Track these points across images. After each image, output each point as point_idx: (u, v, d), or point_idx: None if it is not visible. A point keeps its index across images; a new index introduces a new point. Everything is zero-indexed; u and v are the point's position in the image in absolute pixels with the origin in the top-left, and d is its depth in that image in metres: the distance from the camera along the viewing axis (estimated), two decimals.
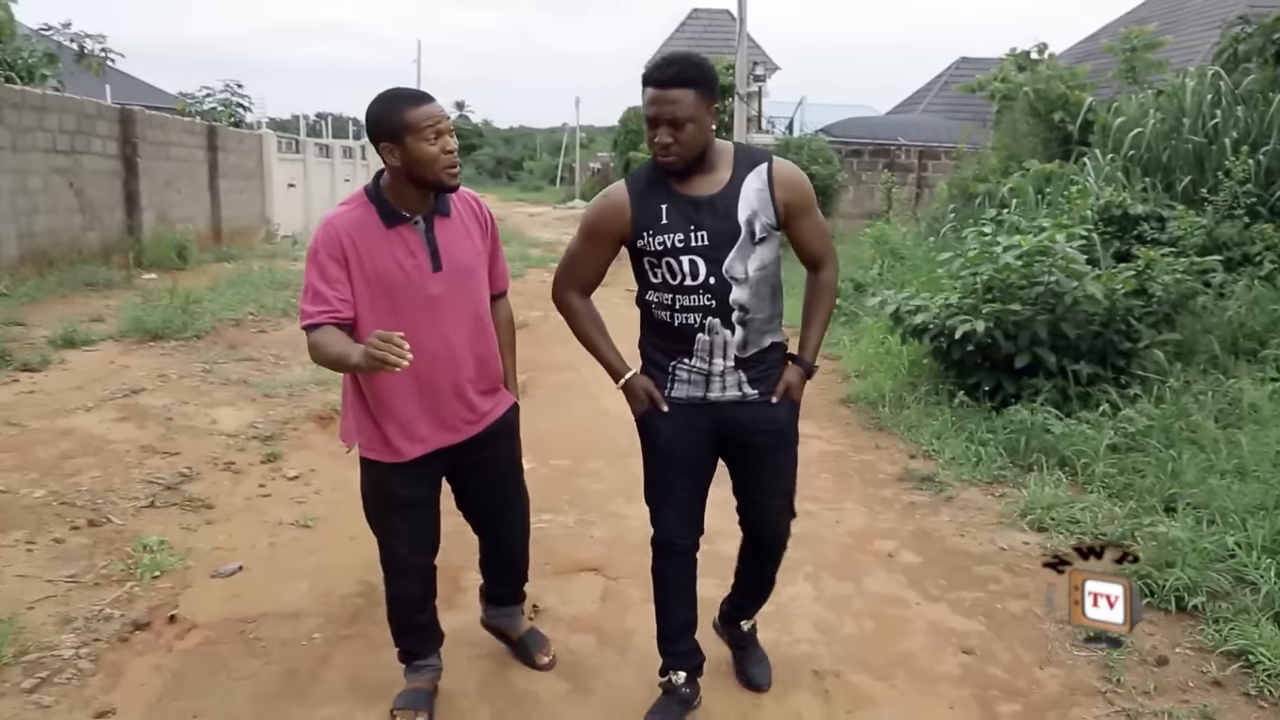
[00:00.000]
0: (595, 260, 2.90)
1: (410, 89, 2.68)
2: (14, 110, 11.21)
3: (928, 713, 3.11)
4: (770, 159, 2.75)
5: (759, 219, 2.68)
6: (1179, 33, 17.55)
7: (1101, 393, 5.82)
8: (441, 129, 2.57)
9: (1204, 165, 8.54)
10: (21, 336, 8.23)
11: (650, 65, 2.65)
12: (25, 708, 3.03)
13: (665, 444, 2.87)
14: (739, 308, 2.69)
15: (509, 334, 3.05)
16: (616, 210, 2.77)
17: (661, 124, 2.58)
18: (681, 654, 3.04)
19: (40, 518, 4.49)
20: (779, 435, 2.88)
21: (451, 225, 2.74)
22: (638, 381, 2.85)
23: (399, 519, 2.88)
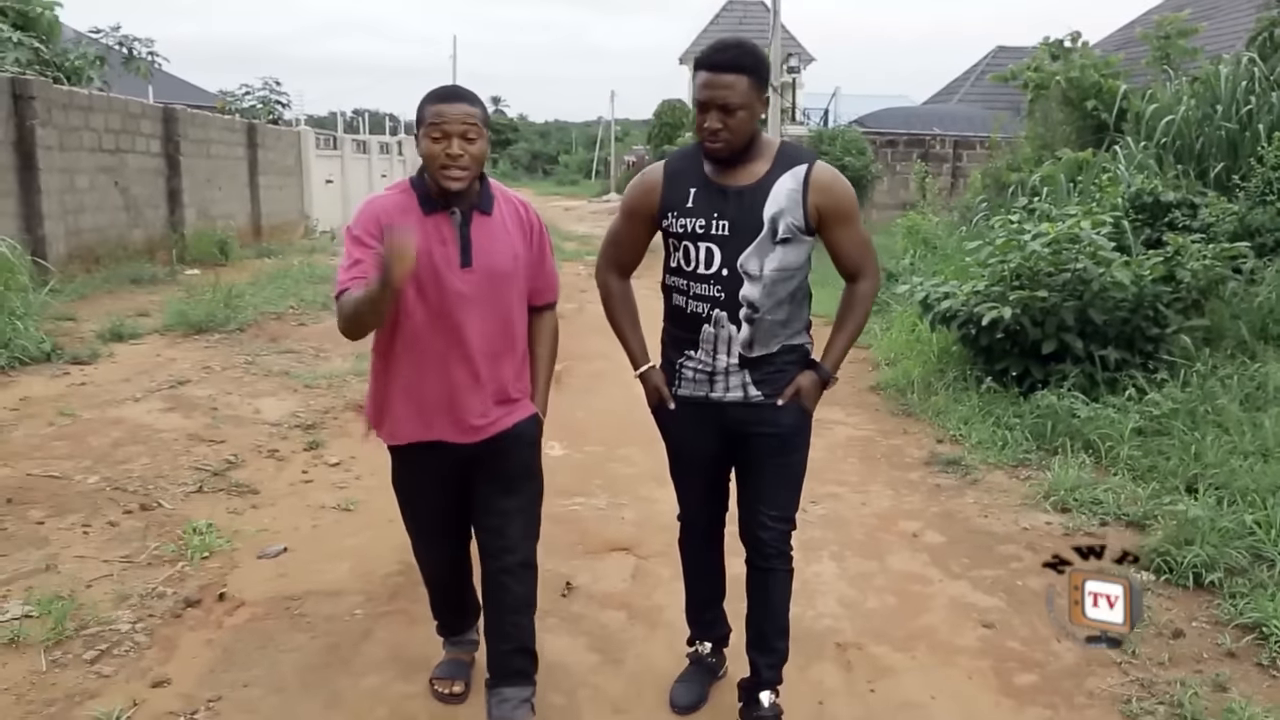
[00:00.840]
0: (632, 239, 2.90)
1: (446, 87, 2.65)
2: (61, 111, 11.50)
3: (946, 682, 3.21)
4: (813, 161, 2.69)
5: (784, 219, 2.62)
6: (1216, 19, 17.38)
7: (1128, 378, 5.88)
8: (448, 130, 2.50)
9: (1237, 152, 8.53)
10: (72, 331, 8.49)
11: (706, 49, 2.63)
12: (87, 677, 3.20)
13: (674, 442, 2.94)
14: (748, 304, 2.65)
15: (549, 347, 2.94)
16: (650, 188, 2.77)
17: (713, 109, 2.55)
18: (707, 623, 3.13)
19: (95, 502, 4.69)
20: (781, 440, 2.79)
21: (490, 225, 2.68)
22: (652, 375, 2.86)
23: (410, 511, 2.96)
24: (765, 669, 2.94)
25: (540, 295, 2.87)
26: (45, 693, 3.09)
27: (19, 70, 11.67)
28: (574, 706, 3.09)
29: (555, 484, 4.71)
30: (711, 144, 2.60)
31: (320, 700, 3.10)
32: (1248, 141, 8.37)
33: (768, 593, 2.92)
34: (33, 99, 10.76)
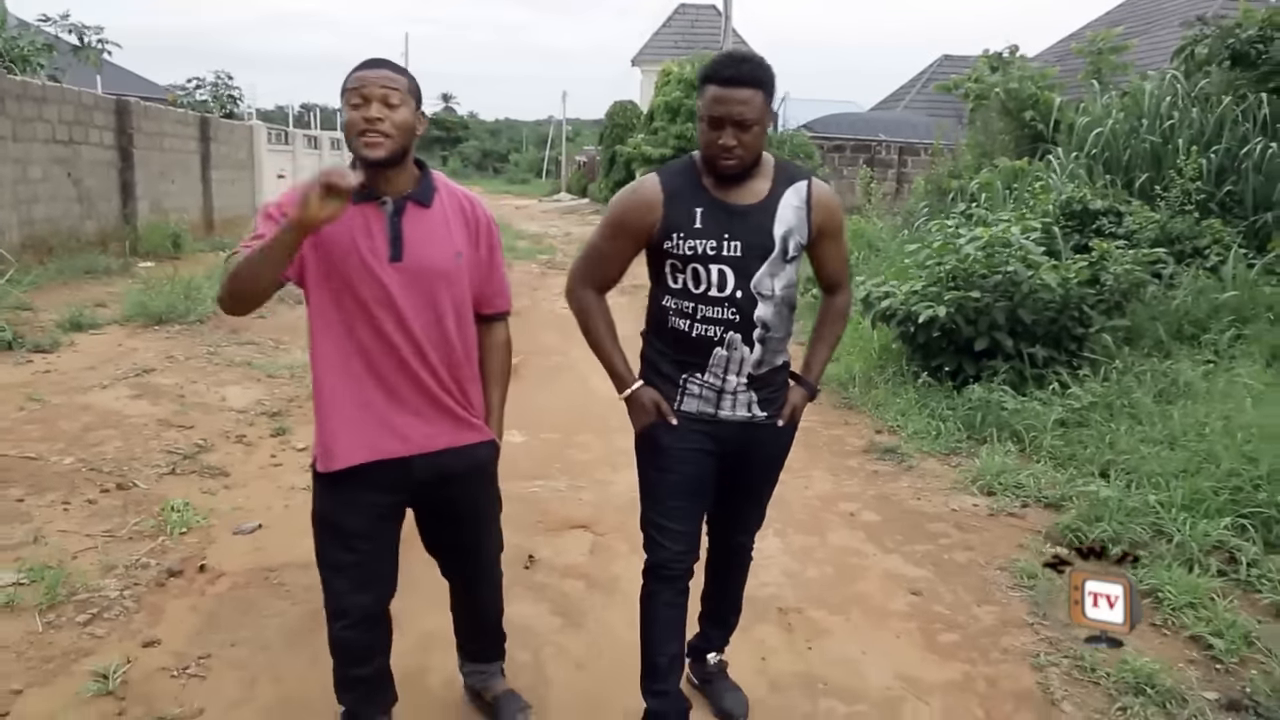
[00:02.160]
0: (618, 256, 2.72)
1: (369, 57, 2.42)
2: (15, 101, 11.51)
3: (877, 641, 3.54)
4: (810, 178, 2.66)
5: (793, 237, 2.59)
6: (1155, 34, 18.05)
7: (1054, 374, 6.28)
8: (367, 94, 2.30)
9: (1160, 163, 9.01)
10: (30, 320, 8.57)
11: (715, 63, 2.52)
12: (81, 638, 3.42)
13: (668, 459, 2.70)
14: (762, 325, 2.58)
15: (501, 361, 2.72)
16: (648, 206, 2.59)
17: (728, 125, 2.44)
18: (666, 695, 2.82)
19: (72, 482, 4.88)
20: (774, 461, 2.84)
21: (427, 218, 2.45)
22: (645, 394, 2.69)
23: (342, 550, 2.54)
24: (716, 638, 3.11)
25: (489, 302, 2.64)
26: (43, 651, 3.31)
27: None
28: (539, 663, 3.37)
29: (517, 469, 5.02)
30: (725, 160, 2.49)
31: (305, 658, 3.34)
32: (1170, 154, 8.85)
33: (728, 581, 3.04)
34: None
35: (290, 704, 3.09)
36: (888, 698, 3.18)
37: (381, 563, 2.61)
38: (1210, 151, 8.76)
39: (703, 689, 3.11)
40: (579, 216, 30.00)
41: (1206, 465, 4.54)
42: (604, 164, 32.34)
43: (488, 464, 2.69)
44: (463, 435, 2.56)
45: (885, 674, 3.32)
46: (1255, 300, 6.80)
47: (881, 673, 3.33)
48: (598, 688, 3.18)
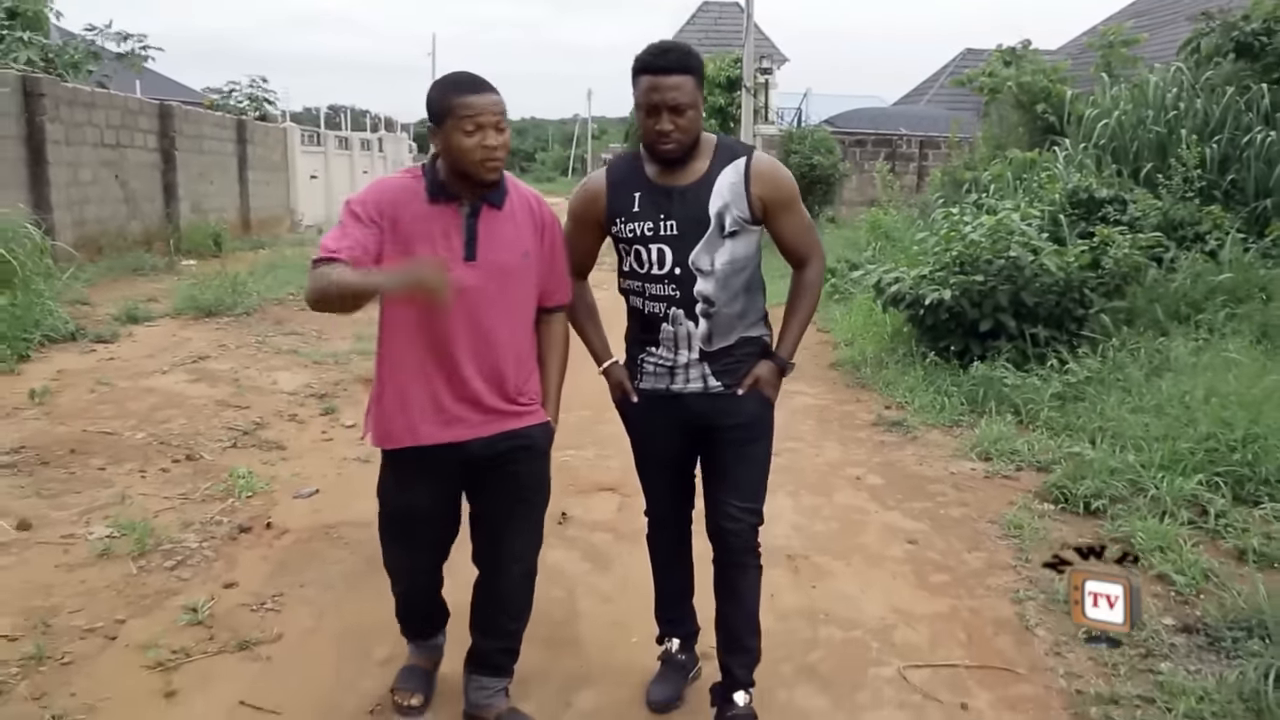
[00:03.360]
0: (581, 245, 2.91)
1: (469, 75, 2.54)
2: (68, 107, 12.10)
3: (875, 581, 3.95)
4: (750, 153, 2.74)
5: (730, 212, 2.66)
6: (1178, 26, 18.22)
7: (1054, 352, 6.64)
8: (482, 122, 2.44)
9: (1165, 153, 9.31)
10: (89, 314, 9.11)
11: (643, 54, 2.63)
12: (170, 580, 3.89)
13: (639, 436, 2.97)
14: (703, 299, 2.68)
15: (559, 352, 2.87)
16: (594, 197, 2.81)
17: (664, 111, 2.57)
18: (674, 620, 3.15)
19: (145, 454, 5.37)
20: (744, 429, 2.82)
21: (499, 220, 2.60)
22: (614, 370, 2.90)
23: (399, 525, 2.80)
24: (738, 669, 2.91)
25: (550, 296, 2.79)
26: (139, 590, 3.77)
27: (29, 68, 12.22)
28: (571, 598, 3.81)
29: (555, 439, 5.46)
30: (664, 145, 2.62)
31: (365, 596, 3.77)
32: (1174, 143, 9.15)
33: (737, 591, 2.90)
34: (42, 96, 11.38)
35: (354, 632, 3.52)
36: (882, 625, 3.59)
37: (436, 536, 2.83)
38: (1214, 141, 9.07)
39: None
40: None
41: (1186, 430, 4.90)
42: None
43: (542, 444, 2.81)
44: (520, 421, 2.70)
45: (881, 607, 3.73)
46: (1249, 281, 7.12)
47: (877, 606, 3.74)
48: (622, 616, 3.61)
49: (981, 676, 3.24)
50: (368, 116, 33.39)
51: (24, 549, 4.08)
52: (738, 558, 2.89)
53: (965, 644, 3.46)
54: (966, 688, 3.18)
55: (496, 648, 2.92)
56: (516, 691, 3.01)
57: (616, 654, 3.37)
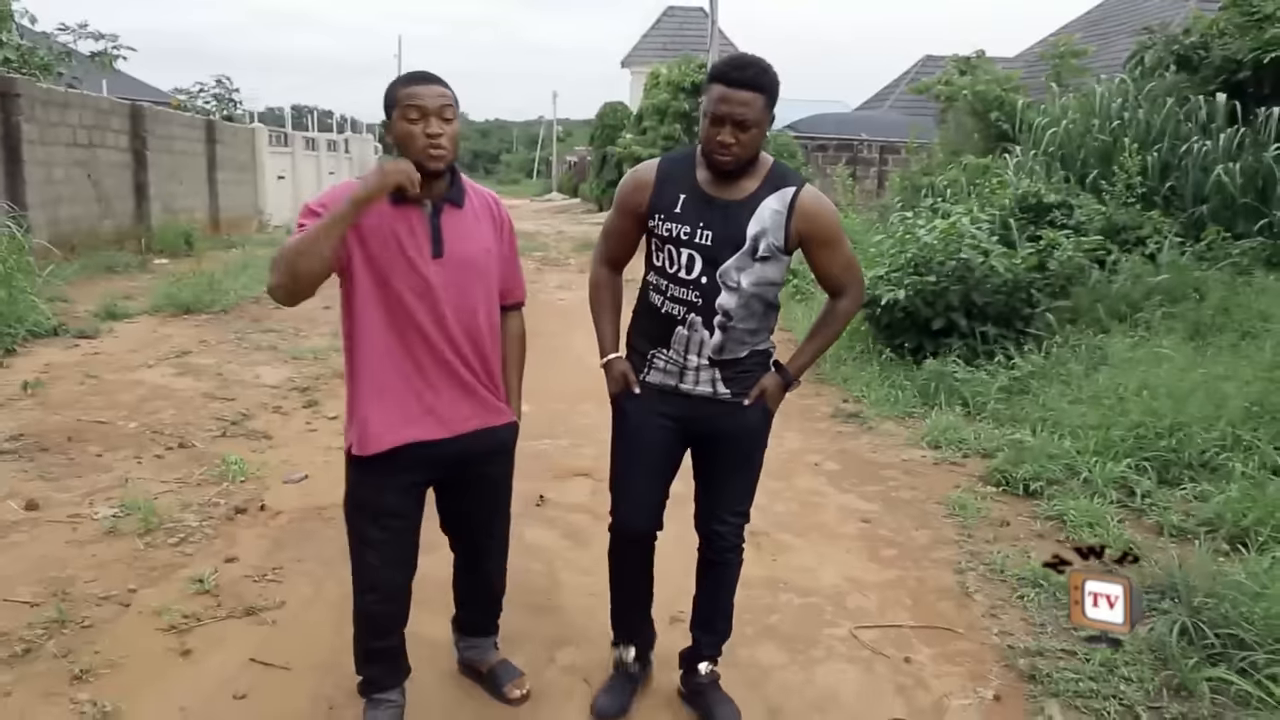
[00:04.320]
0: (622, 234, 2.93)
1: (416, 71, 2.61)
2: (42, 107, 12.23)
3: (831, 554, 4.31)
4: (800, 186, 2.73)
5: (766, 238, 2.68)
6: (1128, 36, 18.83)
7: (1002, 349, 7.04)
8: (426, 109, 2.50)
9: (1109, 160, 9.77)
10: (68, 310, 9.30)
11: (721, 63, 2.68)
12: (175, 555, 4.16)
13: (633, 427, 2.91)
14: (723, 313, 2.71)
15: (518, 350, 2.95)
16: (642, 186, 2.81)
17: (728, 123, 2.58)
18: (630, 627, 3.16)
19: (139, 441, 5.62)
20: (745, 440, 2.89)
21: (462, 217, 2.66)
22: (617, 363, 2.91)
23: (375, 528, 2.74)
24: (706, 646, 3.09)
25: (509, 294, 2.87)
26: (147, 563, 4.05)
27: (2, 68, 12.34)
28: (552, 570, 4.13)
29: (527, 431, 5.70)
30: (722, 156, 2.63)
31: None
32: (1118, 152, 9.60)
33: (719, 583, 3.05)
34: (18, 96, 11.52)
35: (351, 600, 3.81)
36: (836, 592, 3.94)
37: (410, 539, 2.82)
38: (1155, 149, 9.55)
39: (693, 701, 3.09)
40: (570, 216, 30.77)
41: (1119, 419, 5.30)
42: (595, 164, 33.06)
43: (509, 444, 2.90)
44: (490, 417, 2.77)
45: (835, 576, 4.08)
46: (1185, 283, 7.55)
47: (832, 576, 4.09)
48: (598, 587, 3.86)
49: (924, 635, 3.60)
50: (333, 117, 33.46)
51: (34, 527, 4.34)
52: (725, 555, 3.00)
53: (911, 608, 3.82)
54: (911, 645, 3.53)
55: (481, 615, 3.18)
56: (503, 650, 3.31)
57: (595, 618, 3.67)
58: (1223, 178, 8.76)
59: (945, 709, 3.13)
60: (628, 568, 3.08)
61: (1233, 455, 4.74)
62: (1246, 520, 4.09)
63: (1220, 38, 9.89)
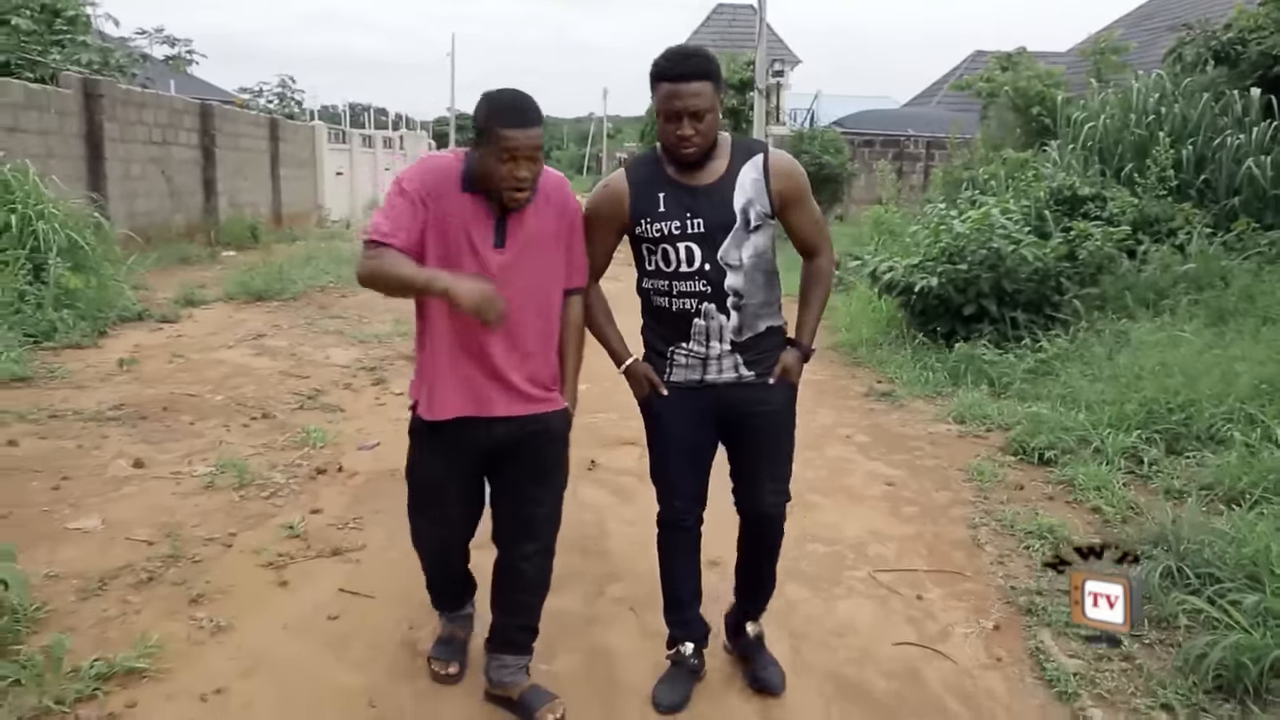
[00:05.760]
0: (600, 246, 2.94)
1: (517, 104, 2.60)
2: (122, 107, 12.94)
3: (856, 513, 4.73)
4: (766, 149, 2.83)
5: (754, 207, 2.75)
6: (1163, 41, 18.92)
7: (1030, 334, 7.38)
8: (518, 156, 2.54)
9: (1145, 154, 10.00)
10: (150, 298, 9.92)
11: (662, 61, 2.71)
12: (267, 506, 4.67)
13: (665, 426, 2.97)
14: (734, 293, 2.77)
15: (576, 335, 2.95)
16: (616, 197, 2.86)
17: (684, 117, 2.64)
18: (688, 623, 3.19)
19: (227, 412, 6.16)
20: (775, 416, 2.94)
21: (527, 209, 2.70)
22: (638, 367, 2.95)
23: (433, 495, 2.93)
24: (751, 606, 3.24)
25: (570, 278, 2.87)
26: (244, 512, 4.56)
27: (87, 70, 13.06)
28: (600, 521, 4.59)
29: (582, 405, 6.21)
30: (686, 150, 2.70)
31: None
32: (1153, 146, 9.83)
33: (763, 557, 3.13)
34: (101, 96, 12.22)
35: None
36: (858, 542, 4.36)
37: (462, 511, 2.98)
38: (1190, 143, 9.77)
39: (740, 661, 3.24)
40: None
41: (1133, 395, 5.64)
42: None
43: (561, 430, 2.94)
44: (541, 404, 2.83)
45: (858, 530, 4.50)
46: (1211, 271, 7.82)
47: (856, 529, 4.50)
48: (642, 536, 4.28)
49: (936, 578, 4.01)
50: (388, 115, 34.29)
51: (142, 481, 4.88)
52: (770, 535, 3.09)
53: (926, 556, 4.23)
54: (923, 585, 3.94)
55: (517, 624, 3.04)
56: (556, 588, 3.68)
57: (639, 561, 4.11)
58: (1254, 170, 8.98)
59: (949, 636, 3.54)
60: (677, 555, 3.14)
61: (1237, 428, 5.06)
62: (1241, 483, 4.43)
63: (1257, 33, 10.08)
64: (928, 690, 3.20)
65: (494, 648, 3.08)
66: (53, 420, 5.71)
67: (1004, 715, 3.05)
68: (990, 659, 3.37)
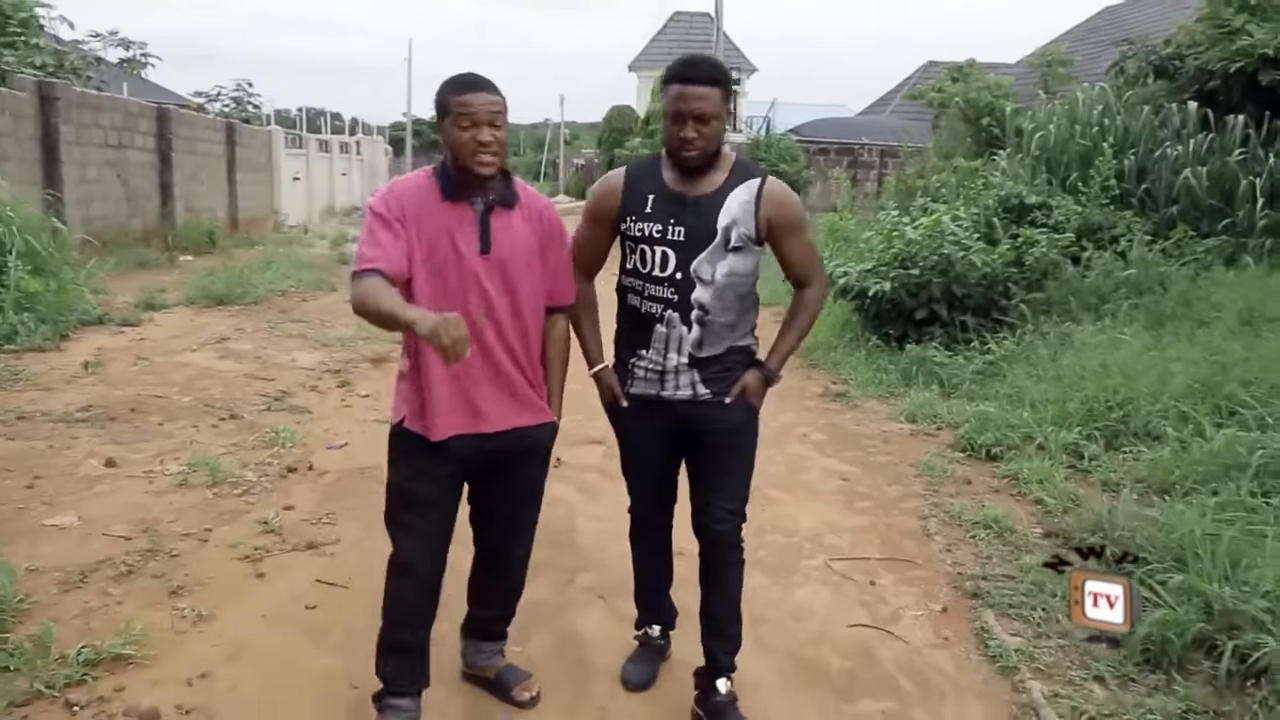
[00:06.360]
0: (593, 242, 3.01)
1: (471, 75, 2.67)
2: (77, 109, 12.87)
3: (813, 506, 4.94)
4: (765, 176, 2.84)
5: (737, 228, 2.75)
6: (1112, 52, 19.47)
7: (979, 337, 7.65)
8: (477, 119, 2.57)
9: (1089, 164, 10.36)
10: (110, 302, 9.91)
11: (675, 64, 2.76)
12: (239, 503, 4.77)
13: (629, 436, 3.06)
14: (699, 307, 2.77)
15: (561, 351, 2.96)
16: (611, 192, 2.91)
17: (689, 119, 2.67)
18: (655, 609, 3.32)
19: (195, 413, 6.24)
20: (731, 435, 2.92)
21: (511, 219, 2.72)
22: (605, 375, 3.00)
23: (414, 515, 2.82)
24: (721, 655, 3.04)
25: (555, 296, 2.88)
26: (217, 509, 4.67)
27: (41, 73, 13.00)
28: (570, 516, 4.75)
29: None
30: (687, 152, 2.72)
31: None
32: (1096, 155, 10.20)
33: (723, 585, 3.04)
34: (57, 99, 12.16)
35: None
36: (814, 533, 4.56)
37: (446, 528, 2.88)
38: (1131, 154, 10.14)
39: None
40: (577, 217, 31.25)
41: (1075, 394, 5.90)
42: (603, 166, 33.68)
43: (547, 443, 2.96)
44: (532, 416, 2.83)
45: (815, 522, 4.70)
46: (1150, 277, 8.15)
47: (812, 522, 4.71)
48: (609, 530, 4.52)
49: (888, 566, 4.22)
50: (344, 121, 34.18)
51: (115, 480, 4.96)
52: (723, 555, 3.02)
53: (878, 545, 4.44)
54: (876, 572, 4.15)
55: (494, 616, 3.16)
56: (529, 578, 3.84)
57: (607, 552, 4.29)
58: (1190, 180, 9.35)
59: (900, 618, 3.75)
60: (646, 547, 3.24)
61: (1171, 424, 5.33)
62: (1173, 476, 4.69)
63: (1194, 49, 10.48)
64: (880, 668, 3.40)
65: (470, 635, 3.21)
66: (21, 422, 5.76)
67: (951, 689, 3.26)
68: (938, 639, 3.59)
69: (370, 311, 2.49)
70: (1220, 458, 4.64)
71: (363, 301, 2.51)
